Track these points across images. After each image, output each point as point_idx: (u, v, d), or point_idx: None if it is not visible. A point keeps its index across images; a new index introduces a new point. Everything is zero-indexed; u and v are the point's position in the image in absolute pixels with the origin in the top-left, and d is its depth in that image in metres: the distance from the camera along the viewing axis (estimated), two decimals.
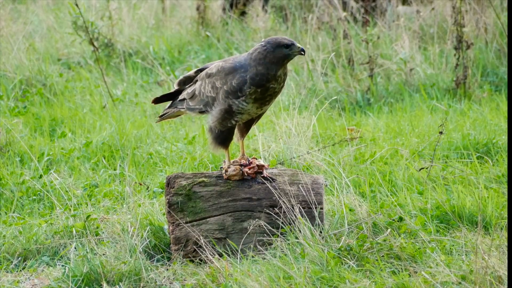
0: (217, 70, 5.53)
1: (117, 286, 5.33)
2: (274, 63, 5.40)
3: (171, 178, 5.65)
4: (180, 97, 5.76)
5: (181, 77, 5.80)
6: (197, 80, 5.70)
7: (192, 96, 5.66)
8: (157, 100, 5.88)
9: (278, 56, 5.39)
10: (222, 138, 5.60)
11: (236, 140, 5.77)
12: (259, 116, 5.66)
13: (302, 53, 5.46)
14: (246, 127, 5.72)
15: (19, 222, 6.29)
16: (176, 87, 5.82)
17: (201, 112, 5.64)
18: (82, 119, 9.05)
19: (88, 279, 5.36)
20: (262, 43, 5.42)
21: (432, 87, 9.87)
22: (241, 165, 5.66)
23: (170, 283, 5.40)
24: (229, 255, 5.55)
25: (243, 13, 12.76)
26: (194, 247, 5.59)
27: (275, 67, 5.40)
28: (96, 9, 12.58)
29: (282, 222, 5.55)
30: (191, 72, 5.79)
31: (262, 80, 5.40)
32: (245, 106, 5.48)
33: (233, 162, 5.70)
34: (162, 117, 5.91)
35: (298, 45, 5.45)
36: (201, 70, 5.74)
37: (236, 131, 5.71)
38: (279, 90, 5.46)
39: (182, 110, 5.74)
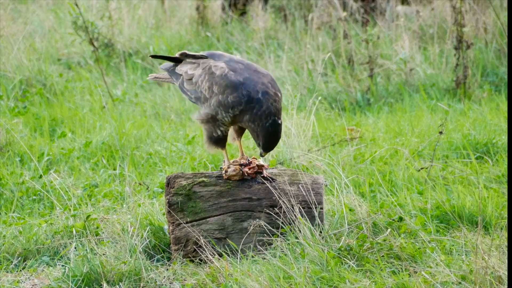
0: (220, 75, 5.48)
1: (117, 286, 5.33)
2: (251, 127, 5.43)
3: (171, 178, 5.65)
4: (179, 70, 5.72)
5: (186, 51, 5.74)
6: (199, 64, 5.63)
7: (190, 79, 5.62)
8: (155, 56, 5.88)
9: (252, 129, 5.46)
10: (215, 140, 5.61)
11: (232, 140, 5.76)
12: None
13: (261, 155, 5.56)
14: (241, 128, 5.71)
15: (19, 222, 6.29)
16: (177, 55, 5.75)
17: (192, 101, 5.64)
18: (82, 119, 9.05)
19: (88, 279, 5.37)
20: (264, 120, 5.41)
21: (432, 87, 9.87)
22: (240, 165, 5.66)
23: (170, 283, 5.40)
24: (229, 255, 5.55)
25: (243, 13, 12.77)
26: (194, 247, 5.59)
27: (247, 127, 5.48)
28: (96, 9, 12.58)
29: (282, 222, 5.55)
30: (197, 54, 5.71)
31: (239, 117, 5.45)
32: (227, 120, 5.49)
33: (233, 162, 5.70)
34: (156, 78, 5.91)
35: (263, 152, 5.49)
36: (205, 57, 5.67)
37: (231, 132, 5.71)
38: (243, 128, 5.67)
39: (175, 84, 5.74)
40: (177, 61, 5.77)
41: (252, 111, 5.39)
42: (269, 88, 5.43)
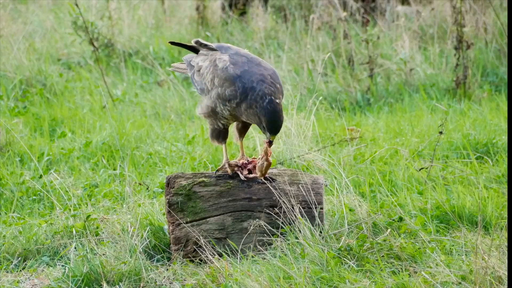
0: (221, 68, 5.53)
1: (117, 286, 5.33)
2: (249, 114, 5.42)
3: (171, 178, 5.65)
4: (193, 62, 5.77)
5: (199, 39, 5.77)
6: (208, 56, 5.68)
7: (199, 70, 5.68)
8: (174, 43, 5.92)
9: (254, 116, 5.41)
10: (216, 133, 5.65)
11: (235, 140, 5.79)
12: None
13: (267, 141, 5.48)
14: (244, 128, 5.73)
15: (19, 222, 6.30)
16: (193, 43, 5.80)
17: (197, 91, 5.69)
18: (82, 119, 9.05)
19: (88, 279, 5.37)
20: (260, 101, 5.40)
21: (432, 87, 9.87)
22: (238, 166, 5.67)
23: (170, 283, 5.40)
24: (229, 255, 5.55)
25: (243, 13, 12.76)
26: (194, 247, 5.59)
27: (247, 117, 5.45)
28: (96, 9, 12.58)
29: (282, 222, 5.55)
30: (209, 44, 5.76)
31: (238, 110, 5.45)
32: (226, 114, 5.51)
33: (233, 161, 5.71)
34: (176, 68, 5.98)
35: (270, 136, 5.42)
36: (213, 48, 5.72)
37: (234, 131, 5.73)
38: (248, 124, 5.65)
39: (188, 75, 5.80)
40: (194, 49, 5.82)
41: (247, 98, 5.41)
42: (267, 78, 5.45)
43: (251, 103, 5.40)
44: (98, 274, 5.35)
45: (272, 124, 5.39)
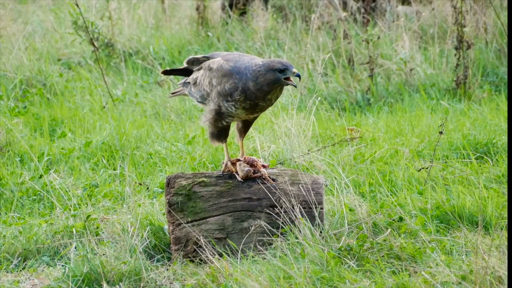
0: (217, 68, 5.58)
1: (117, 286, 5.33)
2: (265, 85, 5.42)
3: (171, 178, 5.65)
4: (187, 79, 5.82)
5: (190, 57, 5.85)
6: (201, 68, 5.75)
7: (195, 83, 5.73)
8: (167, 72, 5.93)
9: (269, 79, 5.40)
10: (217, 134, 5.66)
11: (236, 140, 5.80)
12: (255, 117, 5.70)
13: (297, 79, 5.42)
14: (244, 128, 5.74)
15: (19, 222, 6.30)
16: (185, 65, 5.87)
17: (199, 102, 5.72)
18: (82, 119, 9.05)
19: (88, 279, 5.37)
20: (260, 63, 5.44)
21: (432, 87, 9.87)
22: (239, 160, 5.69)
23: (170, 283, 5.40)
24: (229, 255, 5.55)
25: (243, 13, 12.76)
26: (194, 247, 5.59)
27: (266, 89, 5.42)
28: (96, 9, 12.58)
29: (282, 222, 5.55)
30: (200, 56, 5.83)
31: (251, 96, 5.45)
32: (233, 111, 5.52)
33: (235, 159, 5.72)
34: (174, 94, 6.00)
35: (294, 70, 5.42)
36: (208, 58, 5.79)
37: (235, 131, 5.74)
38: (266, 108, 5.56)
39: (186, 93, 5.83)
40: (188, 70, 5.87)
41: (247, 76, 5.44)
42: (258, 60, 5.48)
43: (255, 75, 5.42)
44: (98, 274, 5.35)
45: (285, 62, 5.40)
